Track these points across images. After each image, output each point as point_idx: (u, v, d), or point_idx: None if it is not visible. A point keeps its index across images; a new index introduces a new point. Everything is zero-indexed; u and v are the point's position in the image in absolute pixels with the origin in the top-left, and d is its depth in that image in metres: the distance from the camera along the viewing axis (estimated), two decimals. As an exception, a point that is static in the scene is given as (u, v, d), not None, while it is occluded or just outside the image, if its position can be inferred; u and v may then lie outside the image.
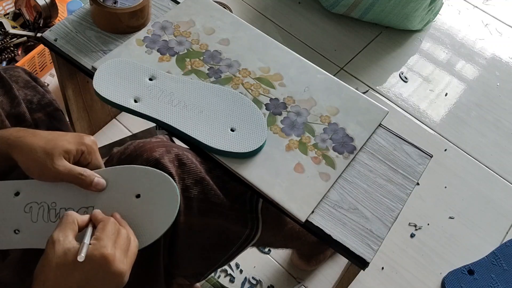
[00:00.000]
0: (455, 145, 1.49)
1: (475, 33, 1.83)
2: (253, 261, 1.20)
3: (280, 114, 0.91)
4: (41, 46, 1.35)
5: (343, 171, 0.85)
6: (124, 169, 0.68)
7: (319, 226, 0.79)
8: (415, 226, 1.31)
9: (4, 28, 1.40)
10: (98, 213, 0.62)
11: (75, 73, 1.13)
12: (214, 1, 1.09)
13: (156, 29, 1.00)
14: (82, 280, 0.54)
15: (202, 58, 0.97)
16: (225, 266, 1.18)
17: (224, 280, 1.17)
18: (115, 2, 0.98)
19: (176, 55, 0.96)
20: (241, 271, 1.19)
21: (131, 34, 1.00)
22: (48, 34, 0.99)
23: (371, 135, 0.91)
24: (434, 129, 1.52)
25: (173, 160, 0.76)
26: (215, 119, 0.86)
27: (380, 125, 0.93)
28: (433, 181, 1.39)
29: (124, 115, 1.40)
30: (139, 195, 0.67)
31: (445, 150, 1.47)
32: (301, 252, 1.17)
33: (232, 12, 1.56)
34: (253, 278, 1.18)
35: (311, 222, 0.79)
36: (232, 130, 0.85)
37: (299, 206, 0.80)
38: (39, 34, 1.40)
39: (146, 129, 1.33)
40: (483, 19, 1.89)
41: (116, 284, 0.56)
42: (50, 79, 1.43)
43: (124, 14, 0.97)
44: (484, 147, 1.50)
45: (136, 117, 0.87)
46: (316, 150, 0.87)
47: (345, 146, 0.88)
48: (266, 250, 1.22)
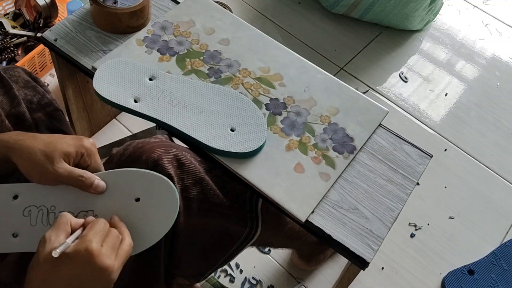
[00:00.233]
0: (455, 145, 1.49)
1: (475, 33, 1.83)
2: (253, 261, 1.20)
3: (280, 114, 0.91)
4: (41, 46, 1.35)
5: (343, 171, 0.85)
6: (124, 172, 0.68)
7: (319, 226, 0.79)
8: (415, 226, 1.31)
9: (4, 28, 1.40)
10: (92, 218, 0.62)
11: (75, 73, 1.13)
12: (214, 1, 1.09)
13: (156, 29, 1.00)
14: (70, 276, 0.54)
15: (202, 58, 0.97)
16: (225, 266, 1.18)
17: (224, 280, 1.17)
18: (115, 2, 0.98)
19: (176, 55, 0.96)
20: (241, 271, 1.19)
21: (131, 34, 1.00)
22: (48, 34, 0.99)
23: (371, 135, 0.91)
24: (434, 129, 1.52)
25: (172, 161, 0.76)
26: (215, 119, 0.86)
27: (380, 125, 0.93)
28: (433, 181, 1.39)
29: (124, 115, 1.40)
30: (139, 199, 0.66)
31: (445, 150, 1.47)
32: (301, 252, 1.17)
33: (232, 12, 1.56)
34: (253, 278, 1.18)
35: (311, 222, 0.79)
36: (232, 130, 0.85)
37: (299, 206, 0.80)
38: (39, 34, 1.40)
39: (146, 129, 1.33)
40: (483, 19, 1.88)
41: (105, 281, 0.56)
42: (50, 79, 1.43)
43: (124, 14, 0.97)
44: (484, 147, 1.50)
45: (136, 117, 0.87)
46: (316, 150, 0.87)
47: (345, 146, 0.88)
48: (266, 250, 1.22)
